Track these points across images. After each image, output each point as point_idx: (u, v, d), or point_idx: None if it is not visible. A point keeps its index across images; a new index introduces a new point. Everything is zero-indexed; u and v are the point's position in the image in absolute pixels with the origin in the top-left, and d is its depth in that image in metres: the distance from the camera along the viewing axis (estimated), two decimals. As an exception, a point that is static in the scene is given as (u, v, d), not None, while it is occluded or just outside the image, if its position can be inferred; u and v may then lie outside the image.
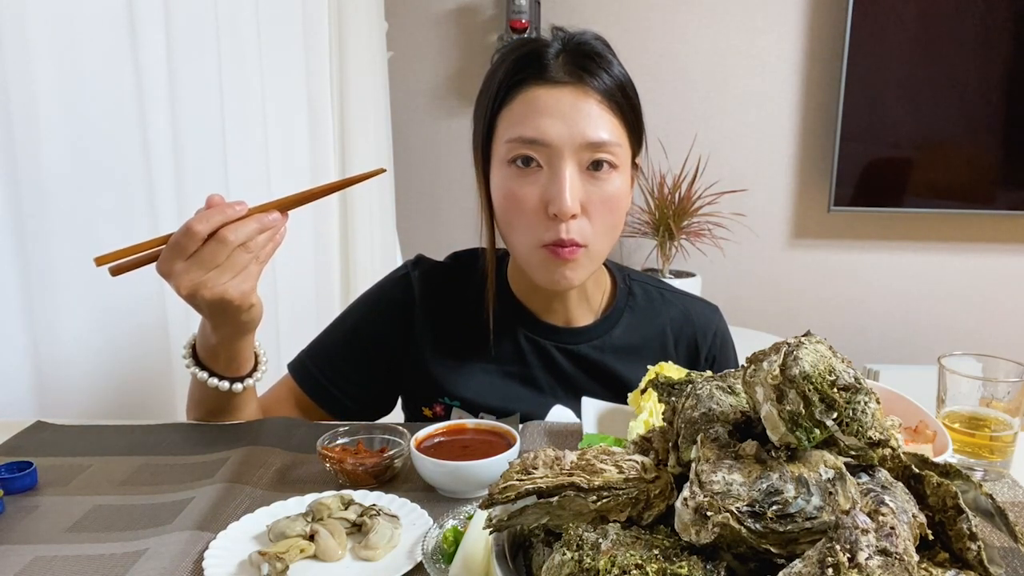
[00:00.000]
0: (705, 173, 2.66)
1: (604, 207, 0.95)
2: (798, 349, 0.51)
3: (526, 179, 0.94)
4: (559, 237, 0.93)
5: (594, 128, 0.92)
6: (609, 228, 0.97)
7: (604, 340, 1.08)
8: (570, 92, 0.93)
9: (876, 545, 0.43)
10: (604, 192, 0.94)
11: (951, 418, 0.87)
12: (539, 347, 1.07)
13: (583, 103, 0.92)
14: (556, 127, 0.92)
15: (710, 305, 1.18)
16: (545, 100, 0.93)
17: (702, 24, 2.72)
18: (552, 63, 0.94)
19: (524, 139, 0.93)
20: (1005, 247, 2.78)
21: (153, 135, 1.22)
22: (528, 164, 0.93)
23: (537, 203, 0.93)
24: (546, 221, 0.94)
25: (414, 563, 0.67)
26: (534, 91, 0.93)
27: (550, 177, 0.93)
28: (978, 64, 2.56)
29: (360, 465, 0.82)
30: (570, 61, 0.94)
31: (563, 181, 0.91)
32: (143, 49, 1.19)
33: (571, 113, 0.92)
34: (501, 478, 0.55)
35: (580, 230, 0.94)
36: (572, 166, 0.92)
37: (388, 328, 1.08)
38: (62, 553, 0.70)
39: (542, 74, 0.93)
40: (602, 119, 0.93)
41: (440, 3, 2.79)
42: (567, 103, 0.92)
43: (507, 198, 0.96)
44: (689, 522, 0.48)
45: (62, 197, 1.10)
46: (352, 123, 2.04)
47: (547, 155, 0.93)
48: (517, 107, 0.94)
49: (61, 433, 0.98)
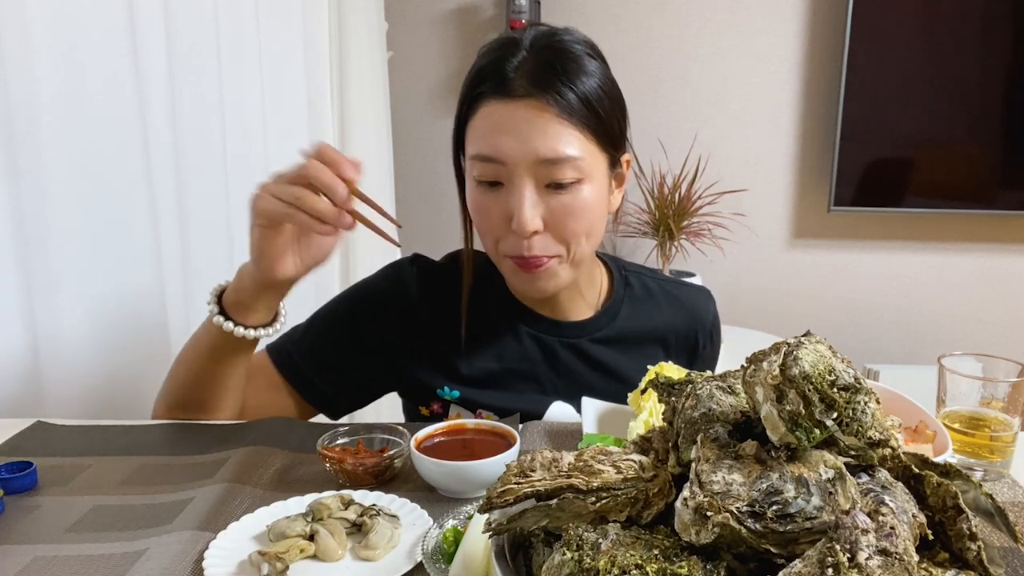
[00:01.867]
0: (705, 173, 2.66)
1: (571, 219, 0.93)
2: (798, 349, 0.51)
3: (490, 193, 0.94)
4: (520, 253, 0.94)
5: (551, 144, 0.89)
6: (582, 235, 0.95)
7: (606, 332, 1.09)
8: (526, 107, 0.89)
9: (876, 545, 0.43)
10: (568, 205, 0.92)
11: (951, 418, 0.87)
12: (542, 343, 1.07)
13: (538, 118, 0.89)
14: (510, 144, 0.89)
15: (703, 290, 1.20)
16: (501, 116, 0.90)
17: (702, 24, 2.72)
18: (511, 75, 0.90)
19: (481, 156, 0.92)
20: (1005, 247, 2.78)
21: (153, 135, 1.22)
22: (492, 186, 0.93)
23: (501, 217, 0.93)
24: (511, 234, 0.93)
25: (414, 563, 0.67)
26: (492, 106, 0.91)
27: (509, 194, 0.92)
28: (978, 64, 2.56)
29: (360, 465, 0.82)
30: (530, 72, 0.90)
31: (519, 200, 0.90)
32: (143, 49, 1.19)
33: (526, 129, 0.89)
34: (499, 481, 0.55)
35: (543, 245, 0.93)
36: (529, 183, 0.91)
37: (383, 319, 1.07)
38: (62, 553, 0.70)
39: (499, 87, 0.90)
40: (561, 134, 0.89)
41: (440, 3, 2.79)
42: (522, 118, 0.89)
43: (476, 211, 0.97)
44: (689, 522, 0.48)
45: (62, 197, 1.10)
46: (352, 123, 2.04)
47: (506, 172, 0.91)
48: (478, 122, 0.93)
49: (61, 433, 0.97)
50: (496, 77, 0.91)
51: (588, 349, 1.08)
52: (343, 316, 1.10)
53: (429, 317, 1.07)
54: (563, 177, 0.90)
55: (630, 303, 1.12)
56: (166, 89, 1.24)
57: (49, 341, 1.12)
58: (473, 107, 0.93)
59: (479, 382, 1.06)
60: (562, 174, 0.90)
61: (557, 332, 1.08)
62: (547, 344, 1.07)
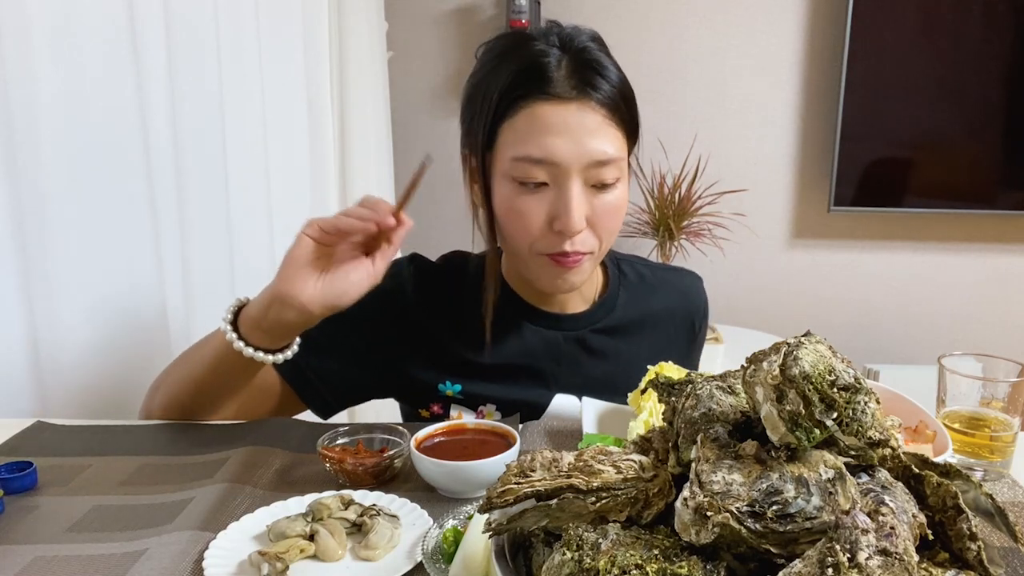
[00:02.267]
0: (705, 173, 2.66)
1: (608, 217, 0.95)
2: (798, 349, 0.51)
3: (531, 195, 0.94)
4: (564, 250, 0.94)
5: (601, 145, 0.92)
6: (611, 234, 0.98)
7: (606, 322, 1.10)
8: (576, 108, 0.91)
9: (876, 545, 0.43)
10: (608, 205, 0.95)
11: (951, 418, 0.87)
12: (543, 336, 1.08)
13: (588, 119, 0.91)
14: (563, 146, 0.91)
15: (692, 274, 1.23)
16: (551, 117, 0.91)
17: (702, 24, 2.72)
18: (556, 76, 0.91)
19: (531, 159, 0.92)
20: (1005, 247, 2.78)
21: (153, 135, 1.22)
22: (534, 186, 0.93)
23: (542, 219, 0.94)
24: (550, 235, 0.94)
25: (414, 563, 0.67)
26: (539, 107, 0.91)
27: (556, 195, 0.93)
28: (978, 64, 2.56)
29: (360, 465, 0.82)
30: (574, 73, 0.92)
31: (570, 200, 0.92)
32: (143, 49, 1.19)
33: (578, 131, 0.91)
34: (499, 481, 0.55)
35: (584, 242, 0.95)
36: (579, 184, 0.92)
37: (382, 317, 1.07)
38: (62, 553, 0.70)
39: (546, 88, 0.91)
40: (607, 134, 0.92)
41: (440, 3, 2.78)
42: (574, 120, 0.91)
43: (511, 211, 0.96)
44: (689, 522, 0.48)
45: (62, 197, 1.10)
46: (352, 123, 2.04)
47: (554, 174, 0.92)
48: (521, 123, 0.92)
49: (61, 433, 0.98)
50: (541, 78, 0.92)
51: (590, 340, 1.09)
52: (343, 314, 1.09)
53: (426, 316, 1.07)
54: (608, 178, 0.93)
55: (626, 292, 1.13)
56: (166, 89, 1.24)
57: (49, 341, 1.12)
58: (513, 108, 0.93)
59: (482, 376, 1.06)
60: (608, 175, 0.93)
61: (558, 326, 1.08)
62: (549, 338, 1.08)
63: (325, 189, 1.87)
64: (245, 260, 1.47)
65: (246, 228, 1.49)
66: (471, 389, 1.06)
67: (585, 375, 1.07)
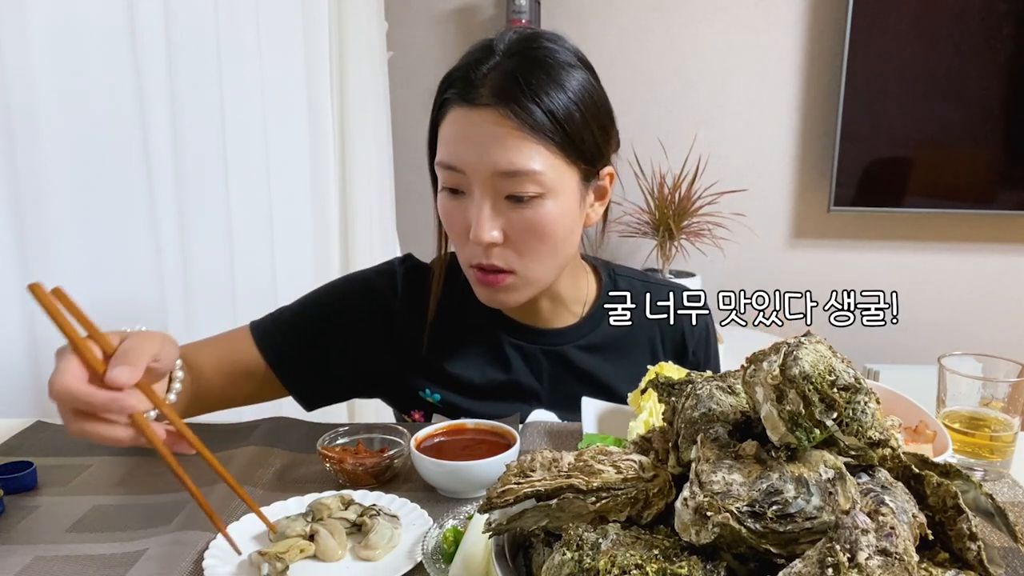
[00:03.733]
0: (705, 173, 2.66)
1: (529, 235, 0.90)
2: (798, 349, 0.51)
3: (456, 201, 0.92)
4: (480, 261, 0.92)
5: (509, 156, 0.86)
6: (542, 255, 0.93)
7: (590, 338, 1.07)
8: (489, 116, 0.87)
9: (876, 545, 0.43)
10: (528, 220, 0.89)
11: (951, 418, 0.87)
12: (523, 351, 1.05)
13: (498, 129, 0.86)
14: (469, 154, 0.88)
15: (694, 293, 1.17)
16: (463, 123, 0.88)
17: (702, 24, 2.72)
18: (478, 82, 0.88)
19: (444, 164, 0.91)
20: (1005, 247, 2.78)
21: (153, 135, 1.22)
22: (456, 193, 0.92)
23: (464, 226, 0.92)
24: (472, 244, 0.91)
25: (414, 563, 0.67)
26: (456, 112, 0.89)
27: (469, 203, 0.90)
28: (978, 64, 2.56)
29: (360, 465, 0.82)
30: (495, 81, 0.87)
31: (476, 210, 0.89)
32: (143, 49, 1.19)
33: (485, 140, 0.87)
34: (499, 481, 0.55)
35: (503, 257, 0.92)
36: (488, 195, 0.89)
37: (365, 314, 1.06)
38: (62, 553, 0.70)
39: (466, 94, 0.88)
40: (521, 146, 0.86)
41: (440, 3, 2.78)
42: (484, 129, 0.87)
43: (443, 217, 0.96)
44: (689, 522, 0.48)
45: (62, 197, 1.10)
46: (352, 123, 2.04)
47: (466, 182, 0.90)
48: (444, 128, 0.91)
49: (61, 433, 0.97)
50: (463, 83, 0.89)
51: (571, 356, 1.06)
52: (331, 302, 1.08)
53: (410, 318, 1.06)
54: (523, 191, 0.88)
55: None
56: (166, 89, 1.24)
57: (49, 341, 1.12)
58: (442, 112, 0.92)
59: (460, 388, 1.05)
60: (522, 188, 0.88)
61: (539, 340, 1.06)
62: (528, 352, 1.05)
63: (325, 189, 1.87)
64: (245, 260, 1.47)
65: (246, 227, 1.49)
66: (450, 399, 1.05)
67: (565, 392, 1.03)
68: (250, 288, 1.49)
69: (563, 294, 1.06)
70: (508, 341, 1.06)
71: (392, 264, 1.10)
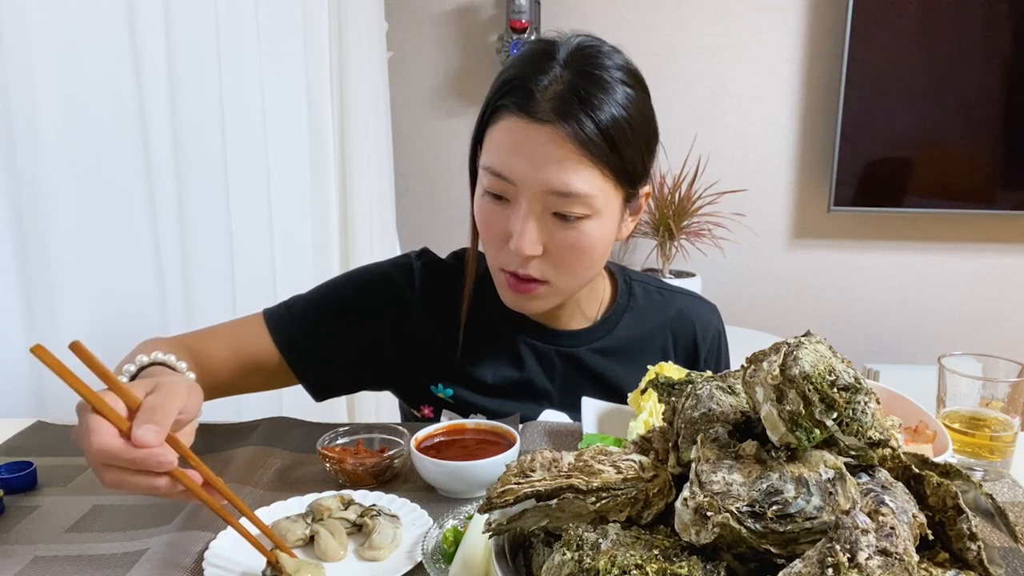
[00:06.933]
0: (705, 173, 2.66)
1: (569, 252, 0.91)
2: (798, 349, 0.51)
3: (498, 206, 0.92)
4: (515, 270, 0.92)
5: (564, 177, 0.86)
6: (577, 270, 0.94)
7: (604, 342, 1.08)
8: (548, 133, 0.85)
9: (876, 545, 0.43)
10: (571, 239, 0.90)
11: (951, 418, 0.87)
12: (538, 351, 1.06)
13: (558, 149, 0.85)
14: (524, 168, 0.87)
15: (709, 304, 1.18)
16: (520, 136, 0.87)
17: (702, 24, 2.72)
18: (538, 95, 0.86)
19: (493, 171, 0.90)
20: (1005, 247, 2.78)
21: (153, 135, 1.22)
22: (499, 199, 0.91)
23: (503, 232, 0.91)
24: (509, 250, 0.91)
25: (414, 563, 0.67)
26: (514, 122, 0.88)
27: (514, 213, 0.90)
28: (978, 65, 2.56)
29: (360, 465, 0.82)
30: (557, 96, 0.86)
31: (523, 223, 0.89)
32: (143, 49, 1.20)
33: (542, 157, 0.86)
34: (499, 482, 0.55)
35: (540, 269, 0.92)
36: (535, 209, 0.88)
37: (380, 306, 1.06)
38: (62, 553, 0.70)
39: (524, 105, 0.87)
40: (577, 168, 0.86)
41: (440, 3, 2.79)
42: (541, 145, 0.86)
43: (480, 219, 0.95)
44: (689, 522, 0.48)
45: (62, 197, 1.10)
46: (352, 123, 2.04)
47: (514, 192, 0.89)
48: (496, 134, 0.90)
49: (61, 433, 0.97)
50: (522, 93, 0.87)
51: (585, 359, 1.07)
52: (348, 293, 1.08)
53: (426, 313, 1.06)
54: (571, 211, 0.88)
55: (632, 313, 1.10)
56: (166, 89, 1.24)
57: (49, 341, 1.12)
58: (495, 116, 0.91)
59: (473, 385, 1.05)
60: (570, 208, 0.88)
61: (554, 341, 1.06)
62: (543, 352, 1.06)
63: (325, 189, 1.87)
64: (245, 260, 1.47)
65: (246, 228, 1.49)
66: (462, 396, 1.05)
67: (577, 394, 1.03)
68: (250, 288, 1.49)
69: (580, 297, 1.07)
70: (523, 340, 1.06)
71: (409, 257, 1.10)
